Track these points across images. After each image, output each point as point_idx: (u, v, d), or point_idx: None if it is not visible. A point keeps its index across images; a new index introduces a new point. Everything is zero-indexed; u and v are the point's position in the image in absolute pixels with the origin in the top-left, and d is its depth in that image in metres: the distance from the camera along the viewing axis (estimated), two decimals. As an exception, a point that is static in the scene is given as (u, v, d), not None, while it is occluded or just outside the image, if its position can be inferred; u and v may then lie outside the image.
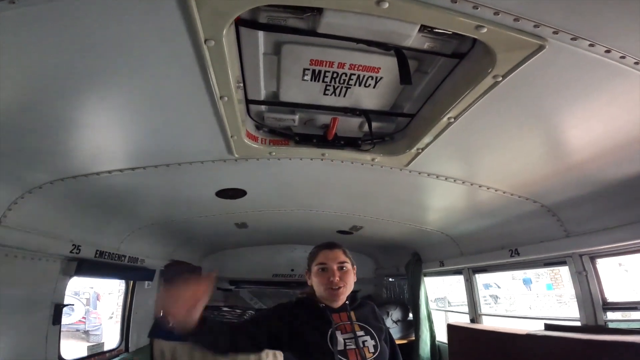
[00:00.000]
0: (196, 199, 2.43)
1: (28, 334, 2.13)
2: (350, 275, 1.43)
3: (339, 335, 1.33)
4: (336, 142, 1.60)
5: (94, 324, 7.66)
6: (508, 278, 11.70)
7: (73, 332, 7.11)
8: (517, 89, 1.17)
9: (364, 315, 1.45)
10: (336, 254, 1.43)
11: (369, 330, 1.38)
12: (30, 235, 1.94)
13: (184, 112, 1.32)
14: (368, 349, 1.33)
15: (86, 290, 8.20)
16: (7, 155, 1.47)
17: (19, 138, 1.39)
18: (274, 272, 5.13)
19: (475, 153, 1.69)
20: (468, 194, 2.16)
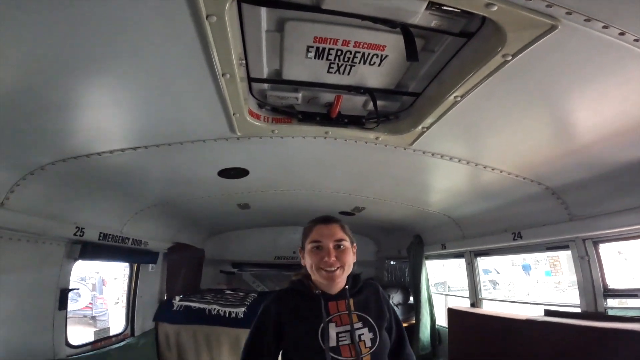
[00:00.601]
0: (198, 179, 2.48)
1: (34, 320, 2.22)
2: (348, 255, 1.27)
3: (332, 328, 1.21)
4: (340, 120, 1.62)
5: (101, 310, 7.87)
6: (507, 264, 11.89)
7: (80, 318, 7.30)
8: (526, 69, 1.18)
9: (364, 301, 1.31)
10: (333, 230, 1.27)
11: (367, 321, 1.25)
12: (33, 218, 2.00)
13: (186, 90, 1.34)
14: (365, 343, 1.21)
15: (92, 276, 8.36)
16: (8, 137, 1.51)
17: (20, 119, 1.42)
18: (276, 254, 5.28)
19: (481, 133, 1.71)
20: (472, 174, 2.19)
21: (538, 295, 10.91)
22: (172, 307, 3.81)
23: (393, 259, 5.21)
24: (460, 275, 8.16)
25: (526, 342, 2.36)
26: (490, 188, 2.39)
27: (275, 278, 5.58)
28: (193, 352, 3.68)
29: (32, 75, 1.18)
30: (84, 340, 2.82)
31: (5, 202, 1.80)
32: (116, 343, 3.12)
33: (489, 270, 10.73)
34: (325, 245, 1.25)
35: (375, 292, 1.37)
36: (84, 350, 2.67)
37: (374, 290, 1.38)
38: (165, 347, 3.73)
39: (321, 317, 1.22)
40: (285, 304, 1.29)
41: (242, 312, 3.75)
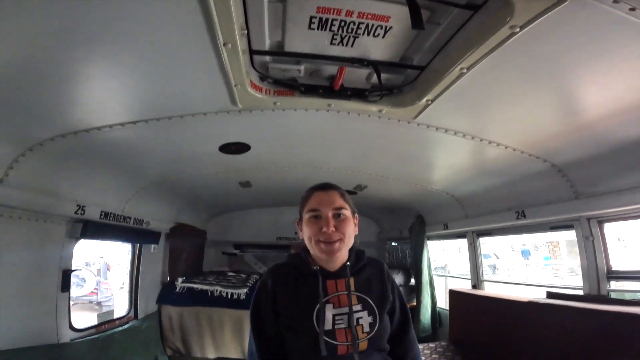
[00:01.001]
0: (199, 155, 2.51)
1: (37, 302, 2.26)
2: (349, 225, 1.19)
3: (329, 310, 1.14)
4: (343, 93, 1.64)
5: (106, 295, 7.98)
6: (507, 249, 12.04)
7: (86, 303, 7.43)
8: (533, 42, 1.19)
9: (366, 281, 1.23)
10: (332, 197, 1.19)
11: (367, 304, 1.18)
12: (33, 195, 2.02)
13: (187, 60, 1.35)
14: (362, 327, 1.14)
15: (96, 261, 8.47)
16: (6, 112, 1.52)
17: (18, 93, 1.43)
18: (277, 235, 5.39)
19: (486, 107, 1.72)
20: (476, 150, 2.21)
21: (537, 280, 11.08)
22: (175, 289, 3.92)
23: (394, 240, 5.30)
24: (460, 259, 8.27)
25: (528, 325, 2.40)
26: (494, 165, 2.41)
27: (277, 259, 5.67)
28: (196, 334, 3.81)
29: (30, 48, 1.19)
30: (88, 324, 2.89)
31: (4, 179, 1.83)
32: (120, 326, 3.21)
33: (488, 255, 10.89)
34: (324, 214, 1.16)
35: (379, 271, 1.28)
36: (87, 334, 2.75)
37: (379, 269, 1.29)
38: (169, 329, 3.86)
39: (318, 296, 1.15)
40: (280, 280, 1.22)
41: (244, 293, 3.87)
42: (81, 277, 7.84)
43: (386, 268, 1.32)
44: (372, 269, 1.28)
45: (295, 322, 1.15)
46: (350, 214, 1.23)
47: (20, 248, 2.09)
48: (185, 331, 3.84)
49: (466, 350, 2.90)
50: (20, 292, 2.12)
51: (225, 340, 3.79)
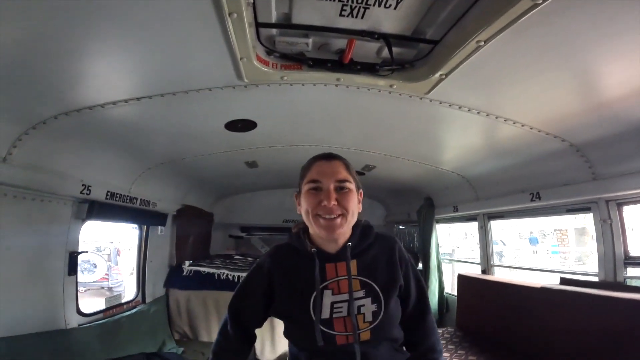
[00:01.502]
0: (205, 133, 2.52)
1: (44, 286, 2.29)
2: (352, 200, 1.08)
3: (327, 297, 1.06)
4: (352, 66, 1.61)
5: (117, 280, 8.10)
6: (514, 236, 12.01)
7: (98, 289, 7.57)
8: (555, 16, 1.16)
9: (372, 263, 1.12)
10: (335, 168, 1.09)
11: (371, 289, 1.08)
12: (37, 174, 2.04)
13: (190, 32, 1.33)
14: (364, 316, 1.05)
15: (107, 246, 8.59)
16: (8, 90, 1.53)
17: (20, 71, 1.43)
18: (284, 217, 5.43)
19: (503, 82, 1.68)
20: (490, 128, 2.18)
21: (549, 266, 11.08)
22: (182, 273, 4.01)
23: (402, 224, 5.32)
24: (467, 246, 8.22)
25: (540, 311, 2.39)
26: (509, 144, 2.38)
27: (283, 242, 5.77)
28: (203, 318, 3.90)
29: (32, 25, 1.19)
30: (96, 309, 2.95)
31: (7, 157, 1.85)
32: (127, 310, 3.28)
33: (495, 241, 10.90)
34: (325, 186, 1.06)
35: (389, 250, 1.16)
36: (95, 319, 2.81)
37: (388, 247, 1.16)
38: (176, 313, 3.96)
39: (314, 282, 1.07)
40: (278, 263, 1.16)
41: None
42: (92, 263, 8.01)
43: (399, 246, 1.18)
44: (381, 247, 1.16)
45: (290, 310, 1.10)
46: (355, 188, 1.12)
47: (25, 229, 2.12)
48: (192, 315, 3.94)
49: (474, 336, 2.94)
50: (26, 275, 2.15)
51: None
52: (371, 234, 1.17)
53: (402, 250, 1.18)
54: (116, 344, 2.89)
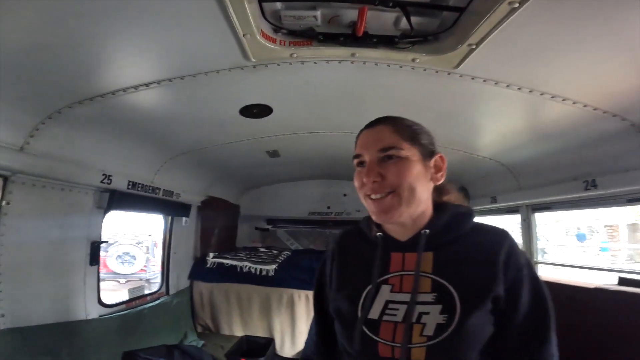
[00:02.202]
0: (221, 121, 2.51)
1: (65, 275, 2.36)
2: (404, 170, 0.87)
3: (384, 293, 0.87)
4: (367, 40, 1.49)
5: (154, 272, 8.48)
6: (560, 232, 11.31)
7: (136, 281, 8.03)
8: None
9: (456, 258, 0.86)
10: (377, 134, 0.91)
11: (447, 294, 0.82)
12: (56, 163, 2.10)
13: (187, 11, 1.28)
14: (423, 328, 0.80)
15: (146, 239, 9.05)
16: (21, 80, 1.57)
17: (32, 61, 1.46)
18: (309, 209, 5.42)
19: (546, 53, 1.48)
20: (534, 106, 1.97)
21: (603, 264, 10.39)
22: (206, 265, 4.08)
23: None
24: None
25: (594, 313, 2.18)
26: (557, 124, 2.14)
27: (310, 235, 5.78)
28: (225, 312, 3.97)
29: (41, 15, 1.20)
30: (114, 300, 3.04)
31: (25, 147, 1.92)
32: (151, 302, 3.37)
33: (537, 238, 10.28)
34: (367, 159, 0.90)
35: (490, 247, 0.86)
36: (117, 310, 2.89)
37: (491, 243, 0.87)
38: (199, 305, 4.06)
39: (376, 270, 0.90)
40: (342, 247, 1.03)
41: (272, 269, 3.94)
42: (132, 255, 8.52)
43: (509, 245, 0.86)
44: (478, 243, 0.88)
45: (339, 303, 0.94)
46: (415, 156, 0.89)
47: (45, 217, 2.20)
48: (214, 308, 4.03)
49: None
50: (47, 265, 2.23)
51: (252, 318, 3.92)
52: (465, 224, 0.91)
53: (514, 251, 0.86)
54: (137, 336, 2.98)
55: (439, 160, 0.95)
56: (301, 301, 3.84)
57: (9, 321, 1.98)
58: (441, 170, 0.94)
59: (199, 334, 3.92)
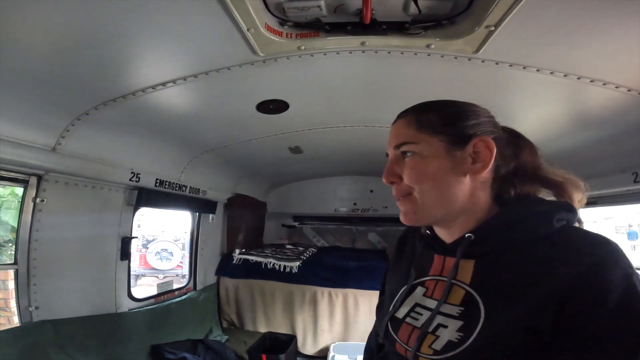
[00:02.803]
0: (239, 118, 2.55)
1: (97, 270, 2.52)
2: (417, 167, 0.76)
3: (416, 295, 0.82)
4: (377, 27, 1.45)
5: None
6: (610, 229, 10.39)
7: (173, 276, 8.29)
8: None
9: (506, 273, 0.68)
10: (397, 128, 0.83)
11: (475, 312, 0.68)
12: (86, 163, 2.25)
13: (190, 10, 1.30)
14: (434, 340, 0.72)
15: (182, 236, 9.33)
16: (49, 84, 1.68)
17: (58, 64, 1.55)
18: (335, 206, 5.45)
19: (578, 31, 1.36)
20: (571, 92, 1.82)
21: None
22: (232, 261, 4.20)
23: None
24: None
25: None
26: (599, 111, 1.97)
27: (336, 232, 5.79)
28: (249, 308, 4.07)
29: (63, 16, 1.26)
30: (147, 294, 3.21)
31: (57, 147, 2.07)
32: (178, 297, 3.51)
33: None
34: (389, 159, 0.83)
35: (567, 267, 0.61)
36: (146, 304, 3.04)
37: (568, 263, 0.61)
38: (225, 301, 4.18)
39: (416, 271, 0.86)
40: (402, 242, 1.01)
41: (296, 266, 3.97)
42: (169, 251, 8.92)
43: (593, 261, 0.60)
44: (549, 257, 0.64)
45: (384, 297, 0.96)
46: (434, 148, 0.76)
47: (78, 214, 2.36)
48: (239, 304, 4.13)
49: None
50: (79, 260, 2.39)
51: (276, 315, 3.98)
52: (538, 226, 0.69)
53: (596, 281, 0.59)
54: (165, 330, 3.12)
55: (479, 146, 0.75)
56: (324, 299, 3.85)
57: (42, 313, 2.14)
58: (481, 159, 0.75)
59: (224, 329, 4.05)
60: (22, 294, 2.11)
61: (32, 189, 2.09)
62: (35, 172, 2.06)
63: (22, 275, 2.09)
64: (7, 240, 3.37)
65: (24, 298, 2.11)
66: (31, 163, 1.97)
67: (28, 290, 2.10)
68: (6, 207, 3.09)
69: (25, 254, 2.09)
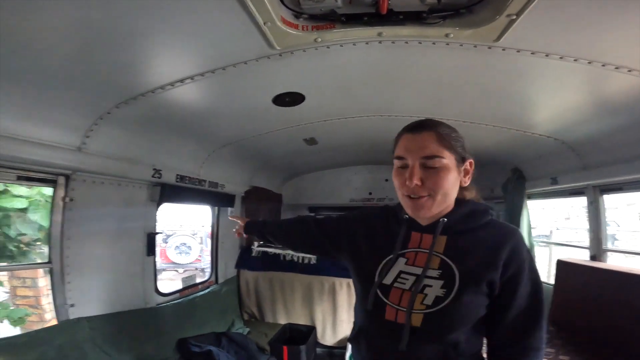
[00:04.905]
0: (255, 111, 2.58)
1: (125, 266, 2.60)
2: (443, 178, 0.98)
3: (399, 264, 1.04)
4: (393, 17, 1.44)
5: (207, 262, 9.37)
6: (633, 216, 10.01)
7: (192, 270, 8.49)
8: None
9: (465, 245, 1.01)
10: (422, 141, 0.99)
11: (450, 273, 0.97)
12: (110, 161, 2.31)
13: (206, 6, 1.32)
14: (425, 297, 0.96)
15: (199, 230, 9.48)
16: (72, 85, 1.73)
17: (80, 65, 1.59)
18: (350, 196, 5.44)
19: (602, 18, 1.33)
20: (595, 79, 1.79)
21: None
22: (251, 254, 4.27)
23: (484, 200, 4.84)
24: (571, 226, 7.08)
25: None
26: (625, 97, 1.92)
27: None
28: (269, 300, 4.15)
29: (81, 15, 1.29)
30: (173, 288, 3.30)
31: (82, 147, 2.13)
32: (201, 290, 3.60)
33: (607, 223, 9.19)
34: (410, 164, 1.00)
35: (498, 241, 0.99)
36: (172, 298, 3.14)
37: (499, 239, 1.00)
38: (246, 294, 4.26)
39: (394, 246, 1.06)
40: (369, 218, 1.22)
41: (315, 257, 3.99)
42: (188, 245, 9.10)
43: (515, 243, 0.99)
44: (488, 235, 1.02)
45: (362, 265, 1.12)
46: (452, 163, 1.00)
47: (105, 212, 2.44)
48: (260, 296, 4.21)
49: (570, 333, 2.54)
50: (109, 257, 2.48)
51: (295, 306, 4.05)
52: (480, 218, 1.06)
53: (519, 248, 0.99)
54: (190, 323, 3.21)
55: (468, 166, 1.07)
56: (342, 289, 3.90)
57: (77, 311, 2.23)
58: (469, 174, 1.08)
59: (245, 322, 4.14)
60: (58, 291, 2.18)
61: (61, 189, 2.16)
62: (63, 172, 2.14)
63: (57, 273, 2.17)
64: (36, 239, 3.49)
65: (59, 296, 2.18)
66: (59, 163, 2.05)
67: (63, 287, 2.18)
68: (34, 207, 3.19)
69: (58, 253, 2.17)
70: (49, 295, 2.63)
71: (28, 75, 1.58)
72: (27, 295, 3.58)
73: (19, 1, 1.16)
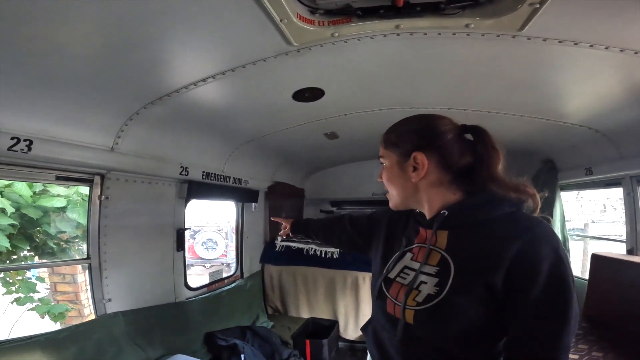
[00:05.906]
0: (276, 108, 2.62)
1: (157, 262, 2.72)
2: (387, 175, 1.09)
3: (405, 259, 1.06)
4: (410, 9, 1.43)
5: (232, 257, 9.61)
6: None
7: (218, 265, 8.80)
8: None
9: (470, 241, 0.93)
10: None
11: (446, 270, 0.92)
12: (141, 160, 2.43)
13: (224, 6, 1.36)
14: (418, 294, 0.94)
15: (224, 225, 9.79)
16: (103, 87, 1.82)
17: (107, 66, 1.66)
18: (373, 190, 5.40)
19: (636, 3, 1.27)
20: (628, 66, 1.71)
21: None
22: (275, 248, 4.36)
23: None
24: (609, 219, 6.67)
25: None
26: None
27: (372, 216, 5.75)
28: (292, 294, 4.22)
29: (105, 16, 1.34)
30: (200, 283, 3.42)
31: (115, 147, 2.25)
32: (227, 285, 3.72)
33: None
34: None
35: (505, 238, 0.85)
36: (200, 293, 3.26)
37: (514, 235, 0.85)
38: (270, 288, 4.36)
39: (407, 240, 1.11)
40: (397, 213, 1.21)
41: (337, 252, 4.05)
42: (214, 241, 9.38)
43: (530, 237, 0.84)
44: (501, 230, 0.89)
45: (379, 258, 1.19)
46: (392, 162, 1.06)
47: (138, 209, 2.57)
48: (283, 291, 4.30)
49: (604, 329, 2.45)
50: (142, 252, 2.61)
51: (318, 301, 4.11)
52: (494, 210, 0.93)
53: (535, 247, 0.83)
54: (217, 317, 3.32)
55: (412, 160, 1.02)
56: (365, 284, 3.92)
57: (114, 305, 2.37)
58: (417, 169, 1.02)
59: (269, 316, 4.24)
60: (96, 286, 2.32)
61: (97, 188, 2.29)
62: (99, 171, 2.27)
63: (95, 269, 2.31)
64: (74, 236, 3.72)
65: (97, 291, 2.32)
66: (95, 163, 2.17)
67: (101, 283, 2.31)
68: (72, 206, 3.39)
69: (96, 249, 2.30)
70: (87, 290, 2.80)
71: (62, 80, 1.67)
72: (67, 291, 3.81)
73: (49, 9, 1.22)
